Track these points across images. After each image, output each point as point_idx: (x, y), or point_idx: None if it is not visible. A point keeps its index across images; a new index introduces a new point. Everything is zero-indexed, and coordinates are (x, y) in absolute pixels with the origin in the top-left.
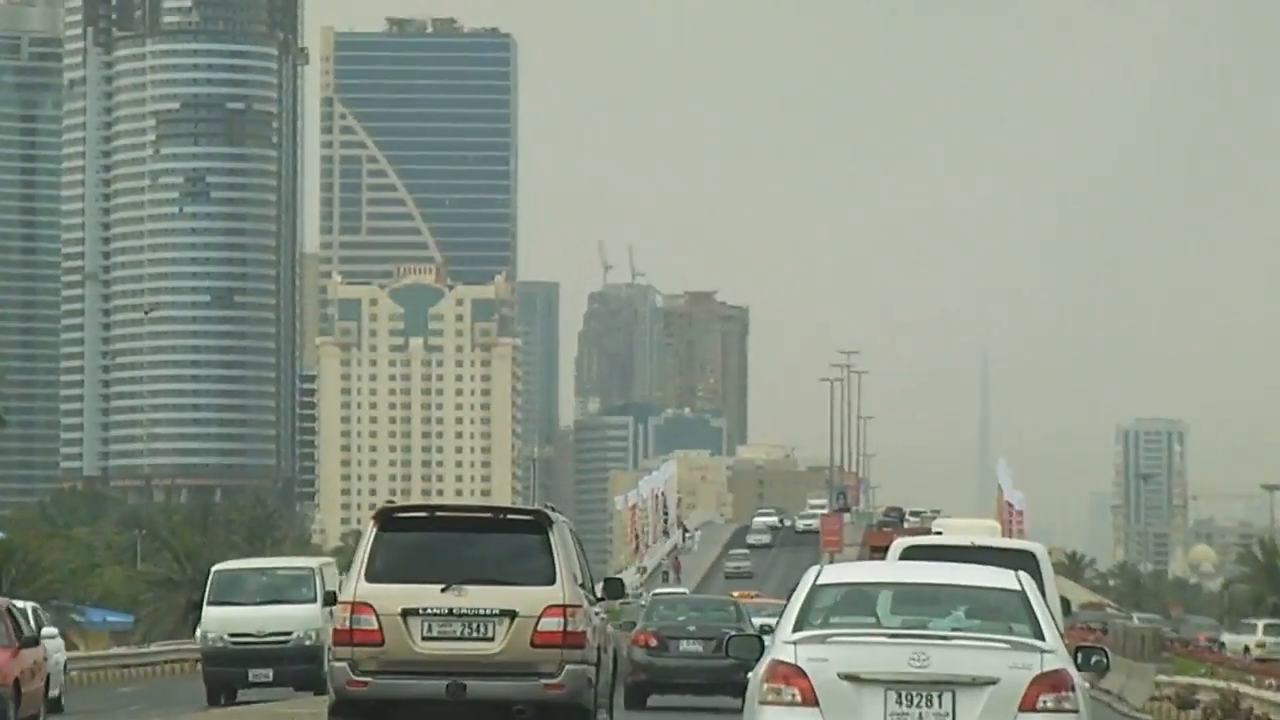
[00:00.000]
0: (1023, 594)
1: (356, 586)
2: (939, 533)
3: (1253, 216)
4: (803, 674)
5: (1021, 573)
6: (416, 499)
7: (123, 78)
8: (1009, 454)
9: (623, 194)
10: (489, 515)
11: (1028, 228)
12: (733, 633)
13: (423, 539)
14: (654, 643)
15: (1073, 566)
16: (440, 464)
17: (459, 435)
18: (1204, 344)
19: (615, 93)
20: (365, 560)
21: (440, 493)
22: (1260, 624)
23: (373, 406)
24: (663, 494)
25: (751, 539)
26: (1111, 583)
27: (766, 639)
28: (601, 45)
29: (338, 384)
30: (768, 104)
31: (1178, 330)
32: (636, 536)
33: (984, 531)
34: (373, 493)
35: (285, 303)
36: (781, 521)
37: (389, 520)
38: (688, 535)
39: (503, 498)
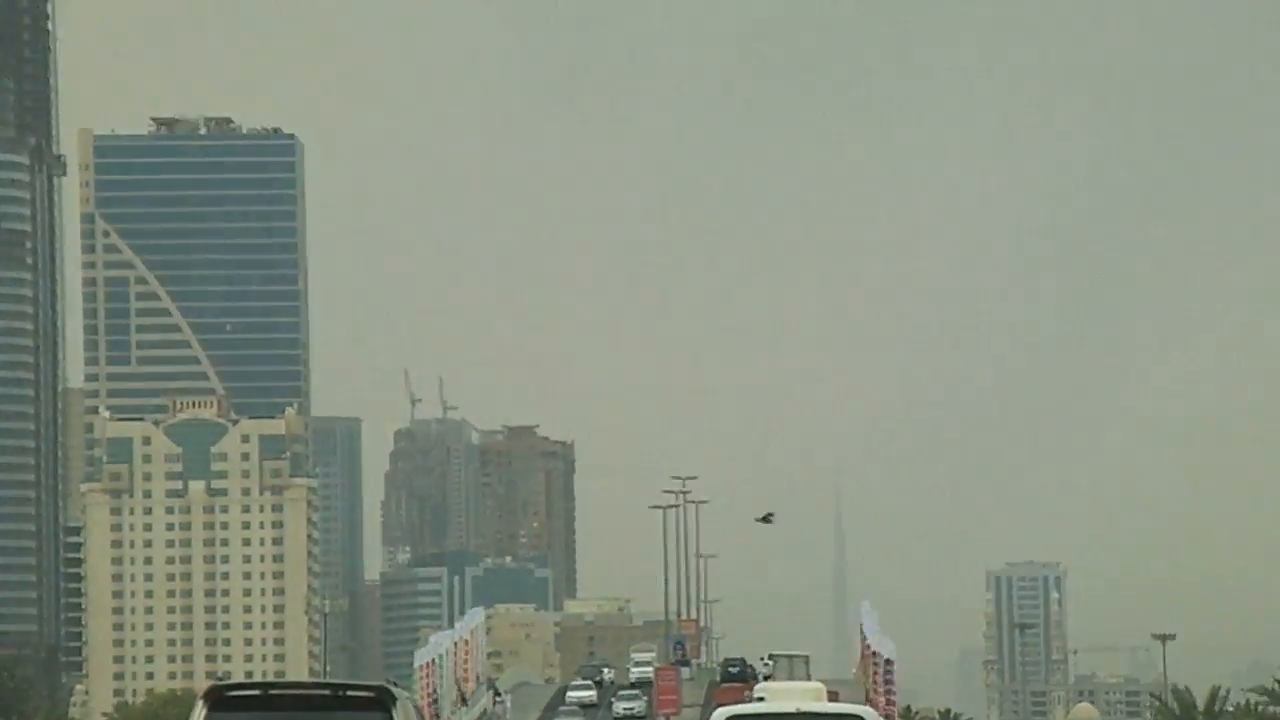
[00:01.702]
0: None
1: None
2: (761, 698)
3: (1128, 347)
4: None
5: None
6: (200, 665)
7: None
8: (870, 598)
9: (429, 320)
10: (326, 693)
11: (886, 356)
12: None
13: (256, 719)
14: None
15: None
16: (227, 625)
17: (247, 592)
18: (1081, 483)
19: (418, 202)
20: None
21: (228, 658)
22: None
23: (148, 561)
24: (466, 650)
25: (573, 695)
26: None
27: None
28: (401, 147)
29: (108, 536)
30: (585, 221)
31: (1052, 468)
32: (434, 701)
33: (810, 695)
34: (149, 659)
35: (46, 444)
36: (607, 680)
37: (219, 699)
38: (498, 699)
39: (298, 663)
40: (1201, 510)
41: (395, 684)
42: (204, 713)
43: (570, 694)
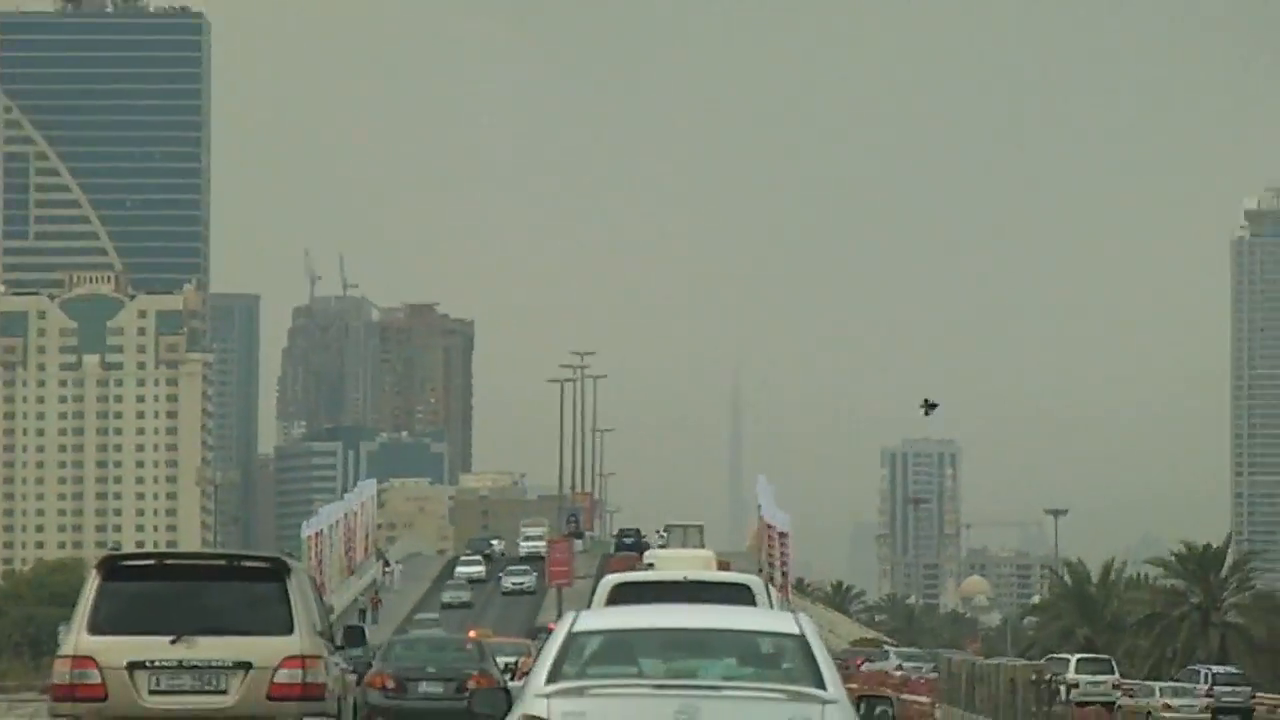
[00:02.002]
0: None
1: (78, 639)
2: (650, 565)
3: (1027, 237)
4: None
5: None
6: (90, 537)
7: None
8: (765, 474)
9: (330, 197)
10: (222, 563)
11: (780, 225)
12: (476, 673)
13: (150, 588)
14: (391, 684)
15: (838, 598)
16: (119, 496)
17: (140, 465)
18: (977, 359)
19: (321, 82)
20: (88, 611)
21: (119, 528)
22: (1073, 659)
23: (40, 433)
24: (356, 521)
25: (462, 571)
26: (879, 617)
27: (513, 686)
28: (306, 27)
29: (0, 408)
30: (488, 99)
31: (949, 343)
32: (319, 571)
33: (698, 563)
34: (39, 529)
35: None
36: (497, 552)
37: (113, 569)
38: (387, 569)
39: (190, 535)
40: (1092, 386)
41: (290, 555)
42: (98, 582)
43: (459, 569)
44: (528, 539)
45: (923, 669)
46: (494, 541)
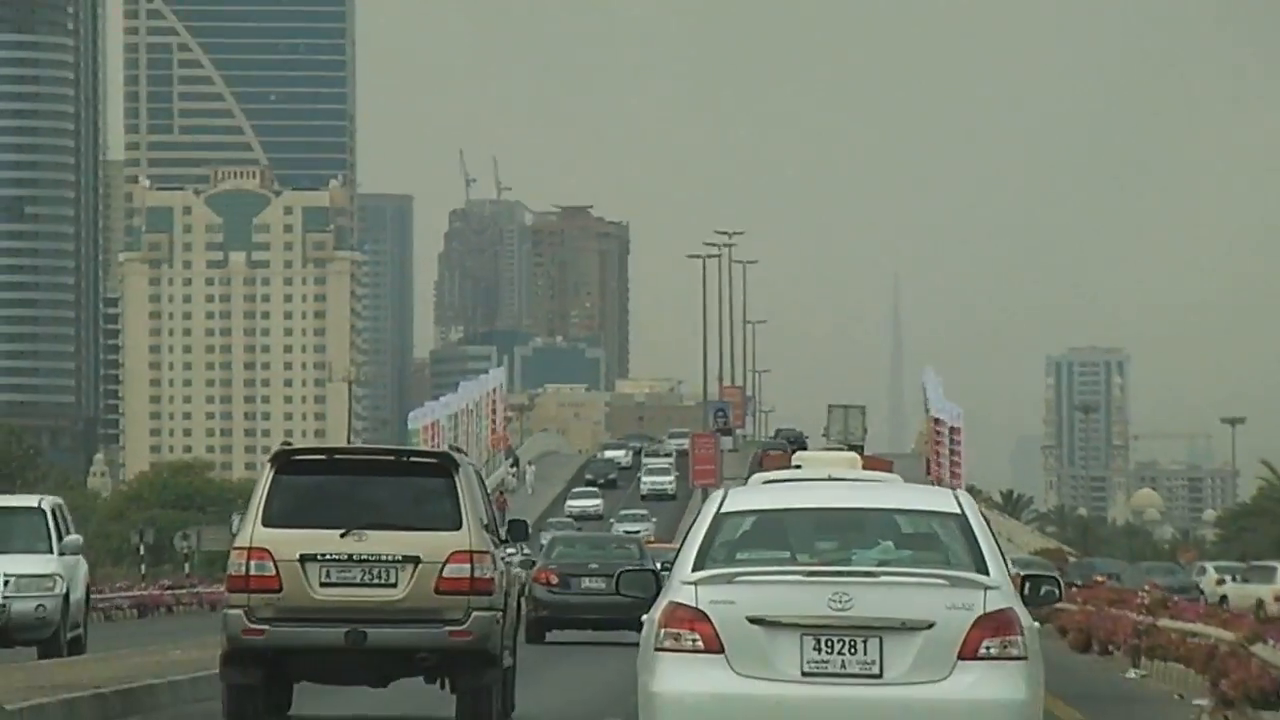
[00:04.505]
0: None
1: (253, 531)
2: (798, 466)
3: (1194, 140)
4: (705, 618)
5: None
6: (239, 439)
7: None
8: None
9: (483, 97)
10: (391, 458)
11: (949, 149)
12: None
13: (321, 482)
14: (555, 580)
15: (1009, 507)
16: (267, 399)
17: (288, 365)
18: (1145, 267)
19: None
20: (261, 504)
21: (267, 432)
22: None
23: (186, 333)
24: (486, 410)
25: (594, 471)
26: (1048, 529)
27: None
28: None
29: (146, 306)
30: (644, 6)
31: (1116, 251)
32: None
33: (843, 464)
34: (186, 433)
35: (85, 214)
36: (642, 452)
37: (286, 463)
38: (514, 470)
39: (338, 436)
40: (1260, 290)
41: (460, 450)
42: (271, 475)
43: (570, 504)
44: (672, 436)
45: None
46: (647, 441)
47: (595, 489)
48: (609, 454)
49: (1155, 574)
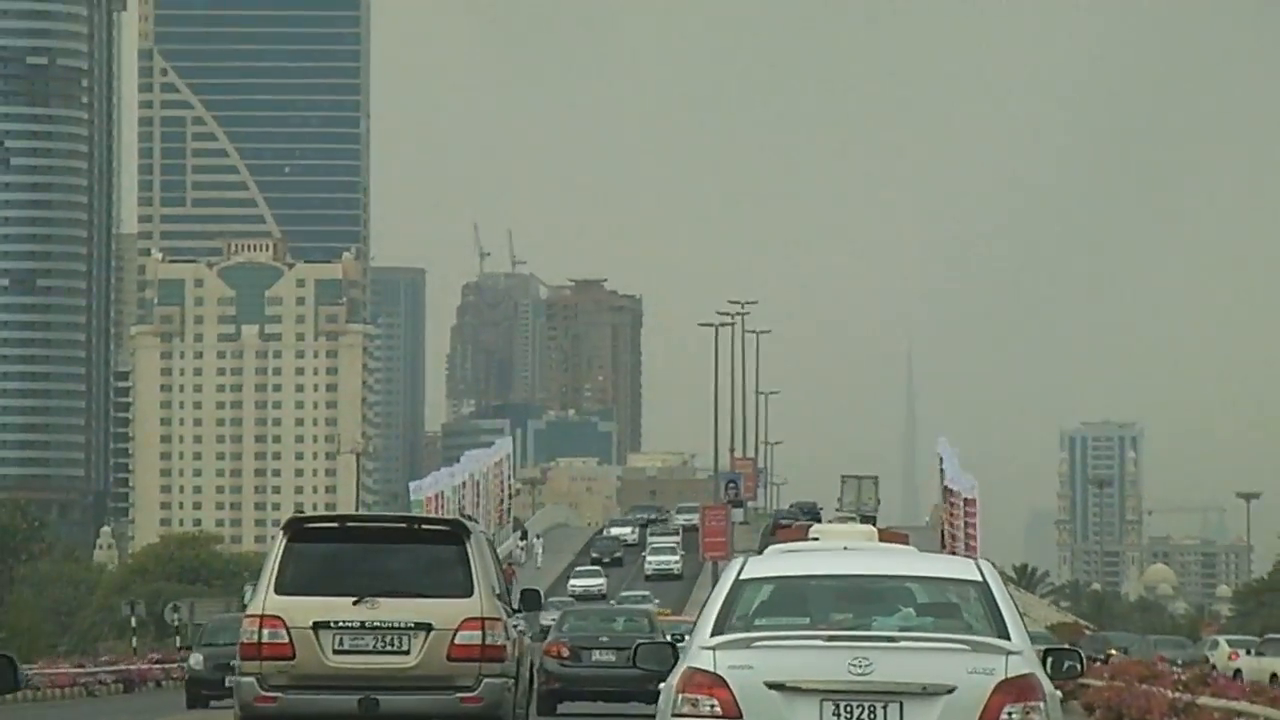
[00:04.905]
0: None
1: (265, 599)
2: (815, 539)
3: (1210, 209)
4: (723, 683)
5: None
6: (249, 511)
7: None
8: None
9: (496, 170)
10: (403, 525)
11: (960, 222)
12: (641, 640)
13: (334, 550)
14: (566, 653)
15: (1024, 581)
16: (278, 472)
17: (299, 439)
18: (1158, 340)
19: (488, 49)
20: (274, 571)
21: (277, 506)
22: None
23: (197, 405)
24: (492, 481)
25: (599, 549)
26: (1063, 604)
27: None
28: None
29: (157, 379)
30: (661, 77)
31: (1130, 326)
32: None
33: (860, 537)
34: (196, 506)
35: (98, 287)
36: (654, 520)
37: (298, 530)
38: (522, 543)
39: (349, 509)
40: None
41: (471, 518)
42: (284, 542)
43: (573, 583)
44: (680, 510)
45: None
46: (658, 513)
47: (598, 568)
48: (615, 531)
49: (1164, 647)
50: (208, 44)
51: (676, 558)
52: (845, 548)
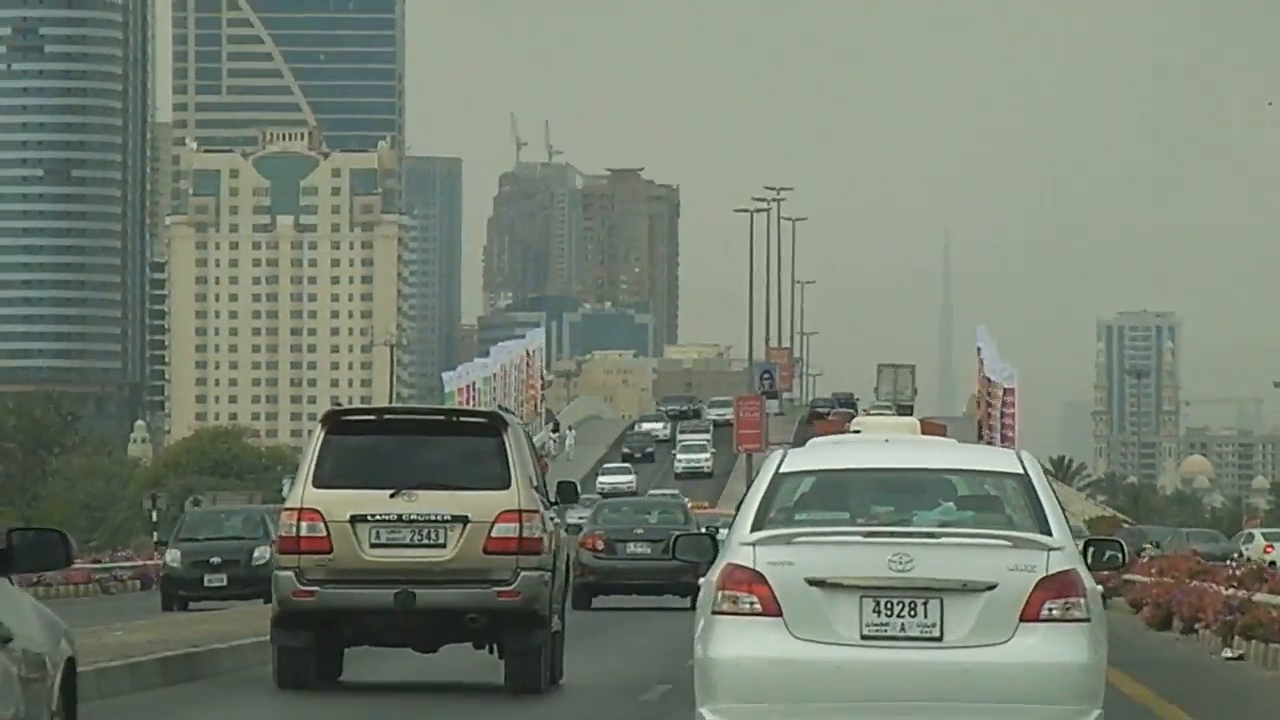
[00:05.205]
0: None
1: (304, 492)
2: (857, 431)
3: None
4: (763, 579)
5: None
6: (285, 405)
7: None
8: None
9: (532, 59)
10: (441, 418)
11: (1002, 104)
12: (679, 533)
13: (371, 443)
14: (601, 545)
15: (1061, 473)
16: (313, 365)
17: (335, 330)
18: (1196, 231)
19: None
20: (312, 464)
21: (313, 399)
22: None
23: (233, 298)
24: (524, 372)
25: (631, 444)
26: (1099, 497)
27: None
28: None
29: (192, 270)
30: None
31: (1167, 214)
32: None
33: (902, 429)
34: (232, 400)
35: (133, 177)
36: (686, 414)
37: (336, 423)
38: (555, 434)
39: (384, 400)
40: None
41: (508, 410)
42: (322, 436)
43: (601, 479)
44: (713, 405)
45: None
46: (691, 404)
47: (627, 465)
48: (646, 426)
49: (1196, 541)
50: None
51: (707, 455)
52: (887, 440)
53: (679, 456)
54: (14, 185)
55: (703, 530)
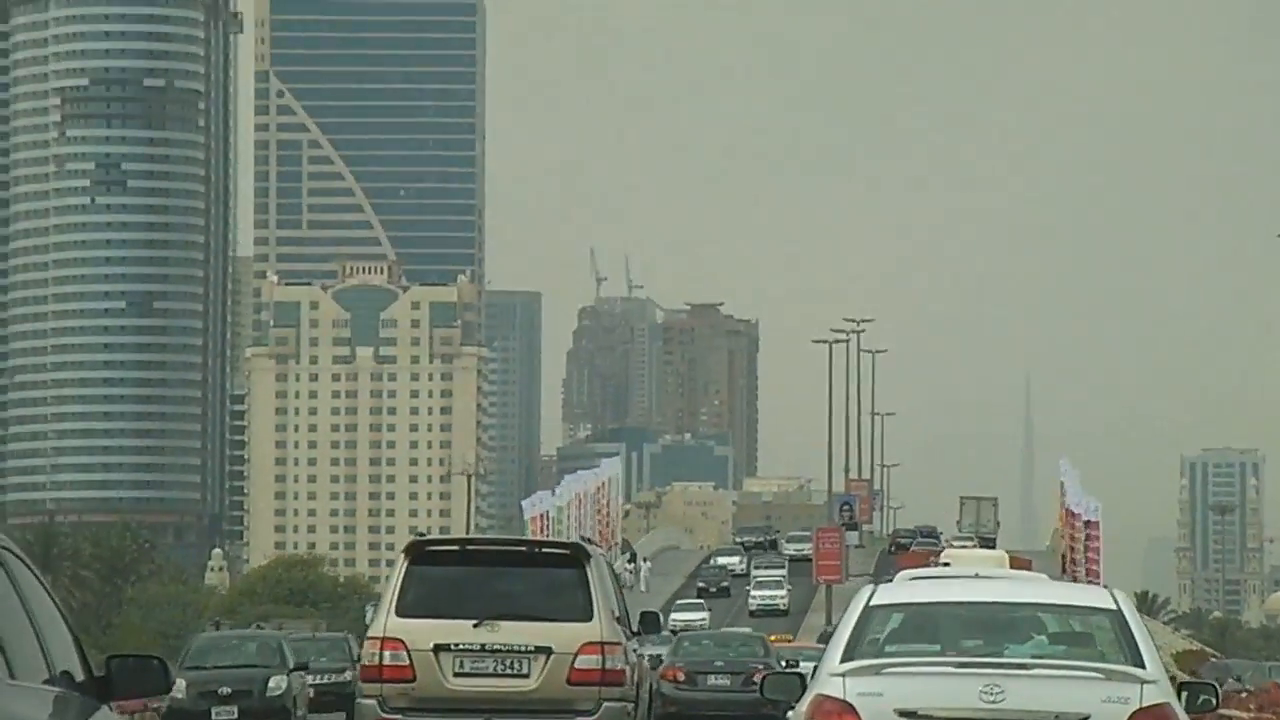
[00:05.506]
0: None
1: (387, 620)
2: (947, 564)
3: None
4: (853, 710)
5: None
6: (363, 534)
7: (21, 50)
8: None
9: (612, 193)
10: (523, 548)
11: (1084, 242)
12: (761, 668)
13: (454, 573)
14: (682, 677)
15: (1146, 609)
16: (392, 495)
17: (414, 461)
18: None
19: (602, 74)
20: (396, 593)
21: (391, 529)
22: None
23: (312, 429)
24: (595, 502)
25: (705, 578)
26: (1183, 631)
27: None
28: (586, 16)
29: (272, 402)
30: (772, 101)
31: (1250, 353)
32: None
33: (991, 563)
34: (311, 530)
35: (214, 309)
36: (762, 545)
37: (419, 553)
38: (630, 565)
39: (462, 532)
40: None
41: (591, 541)
42: (405, 566)
43: (675, 616)
44: (790, 540)
45: None
46: (767, 536)
47: (701, 600)
48: (721, 560)
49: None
50: (323, 66)
51: (783, 592)
52: (977, 574)
53: (753, 593)
54: (97, 318)
55: (784, 663)
